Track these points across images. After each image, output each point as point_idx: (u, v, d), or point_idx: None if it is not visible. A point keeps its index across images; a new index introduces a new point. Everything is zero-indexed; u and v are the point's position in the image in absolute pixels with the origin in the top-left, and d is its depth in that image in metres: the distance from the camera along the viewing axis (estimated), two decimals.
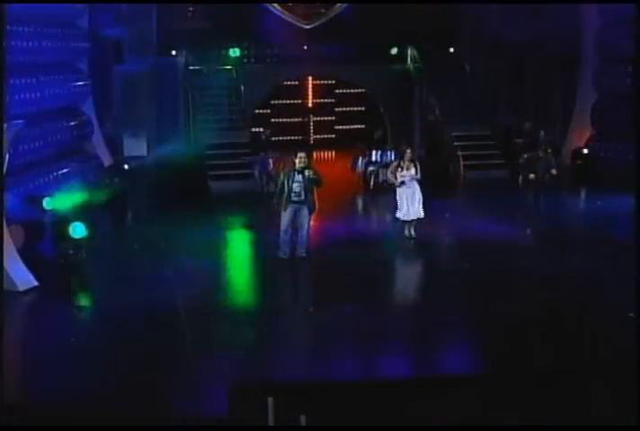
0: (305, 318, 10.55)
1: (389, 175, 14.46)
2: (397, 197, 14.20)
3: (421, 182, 14.15)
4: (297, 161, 12.76)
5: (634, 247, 10.74)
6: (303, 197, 12.67)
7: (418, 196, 14.10)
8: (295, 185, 12.63)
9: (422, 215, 14.13)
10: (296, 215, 12.78)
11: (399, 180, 14.08)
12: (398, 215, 14.23)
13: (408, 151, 14.55)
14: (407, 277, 13.02)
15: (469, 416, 6.97)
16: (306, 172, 12.67)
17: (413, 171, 14.10)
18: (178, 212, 16.64)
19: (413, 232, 14.20)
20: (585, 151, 20.48)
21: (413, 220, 14.14)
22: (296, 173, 12.71)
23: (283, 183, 12.72)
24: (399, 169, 14.16)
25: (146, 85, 20.96)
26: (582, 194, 18.69)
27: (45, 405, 7.85)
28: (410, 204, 14.06)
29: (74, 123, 17.30)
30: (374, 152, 19.85)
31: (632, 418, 6.64)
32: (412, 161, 14.24)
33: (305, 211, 12.79)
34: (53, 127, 16.02)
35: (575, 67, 21.15)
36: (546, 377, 7.94)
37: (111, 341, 9.68)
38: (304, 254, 12.99)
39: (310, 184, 12.72)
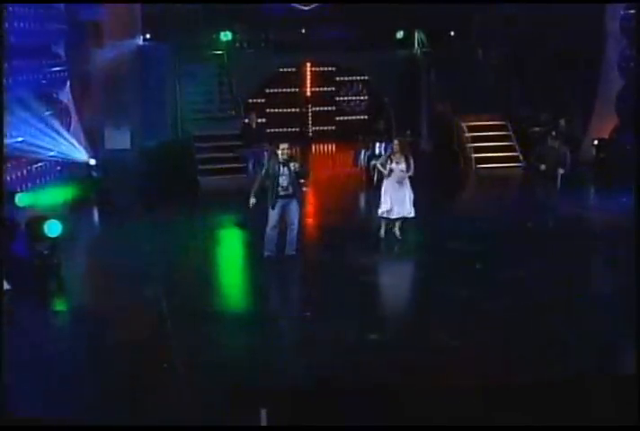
0: (299, 322, 10.60)
1: (379, 167, 14.29)
2: (382, 192, 14.02)
3: (411, 178, 13.97)
4: (279, 152, 12.81)
5: (634, 247, 10.89)
6: (291, 190, 12.78)
7: (408, 192, 13.93)
8: (281, 179, 12.69)
9: (412, 214, 14.00)
10: (284, 210, 12.85)
11: (387, 170, 13.91)
12: (380, 211, 14.05)
13: (395, 142, 14.32)
14: (400, 283, 12.97)
15: (469, 416, 7.11)
16: (291, 165, 12.74)
17: (403, 165, 13.88)
18: (164, 209, 16.68)
19: (397, 231, 14.10)
20: (609, 143, 20.43)
21: (398, 219, 14.04)
22: (281, 166, 12.73)
23: (267, 177, 12.79)
24: (389, 161, 14.04)
25: (130, 72, 20.90)
26: (606, 189, 18.58)
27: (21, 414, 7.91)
28: (395, 200, 13.91)
29: (49, 112, 17.22)
30: (377, 144, 19.77)
31: (632, 418, 6.88)
32: (402, 153, 13.97)
33: (294, 206, 12.90)
34: (26, 116, 15.96)
35: (598, 52, 21.10)
36: (547, 377, 8.28)
37: (92, 347, 9.72)
38: (293, 252, 13.06)
39: (296, 177, 12.85)
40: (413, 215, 14.01)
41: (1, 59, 11.74)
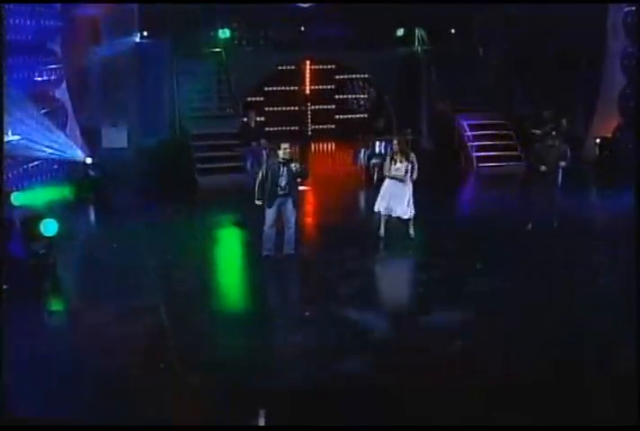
0: (297, 322, 10.64)
1: (386, 173, 14.25)
2: (381, 189, 14.11)
3: (415, 181, 14.03)
4: (280, 152, 12.86)
5: (634, 247, 11.03)
6: (288, 190, 12.87)
7: (408, 193, 13.97)
8: (280, 179, 12.76)
9: (407, 215, 14.03)
10: (281, 209, 12.93)
11: (392, 173, 13.95)
12: (376, 207, 14.12)
13: (395, 141, 14.38)
14: (401, 282, 13.06)
15: (469, 416, 7.18)
16: (292, 165, 12.82)
17: (405, 164, 13.92)
18: (162, 209, 16.72)
19: (411, 231, 14.19)
20: (612, 141, 20.46)
21: (408, 219, 14.09)
22: (280, 166, 12.80)
23: (266, 177, 12.81)
24: (392, 162, 14.10)
25: (127, 70, 20.92)
26: (609, 189, 18.61)
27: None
28: (394, 198, 13.96)
29: (45, 111, 17.24)
30: (377, 143, 19.84)
31: (632, 418, 6.99)
32: (403, 153, 14.03)
33: (290, 205, 12.97)
34: (22, 115, 15.97)
35: (600, 49, 21.13)
36: (547, 377, 8.35)
37: (88, 349, 9.74)
38: (292, 251, 13.13)
39: (296, 177, 12.94)
40: (408, 216, 14.06)
41: (1, 59, 11.71)
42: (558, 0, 20.24)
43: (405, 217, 14.09)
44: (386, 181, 14.14)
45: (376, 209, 14.22)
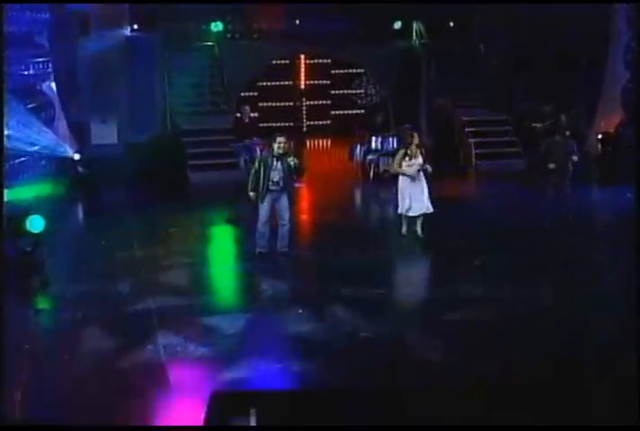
0: (292, 321, 10.63)
1: (397, 168, 14.29)
2: (399, 189, 14.15)
3: (428, 174, 14.09)
4: (275, 146, 12.81)
5: (634, 247, 11.15)
6: (281, 186, 12.84)
7: (425, 187, 14.06)
8: (274, 174, 12.73)
9: (430, 209, 14.10)
10: (274, 204, 12.91)
11: (406, 169, 13.99)
12: (400, 209, 14.20)
13: (415, 135, 14.49)
14: (399, 280, 13.15)
15: (469, 416, 7.18)
16: (288, 159, 12.82)
17: (420, 159, 14.05)
18: (152, 206, 16.74)
19: (419, 229, 14.19)
20: (615, 137, 20.50)
21: (419, 215, 14.12)
22: (274, 160, 12.76)
23: (259, 171, 12.77)
24: (406, 158, 14.12)
25: (117, 64, 20.91)
26: (612, 186, 18.67)
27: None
28: (414, 197, 14.01)
29: (32, 106, 17.25)
30: (374, 138, 19.86)
31: (632, 418, 6.99)
32: (419, 147, 14.17)
33: (284, 200, 12.95)
34: (7, 110, 15.95)
35: (603, 44, 21.17)
36: (547, 377, 8.50)
37: (76, 348, 9.75)
38: (285, 249, 13.13)
39: (291, 172, 12.91)
40: (431, 210, 14.10)
41: (1, 59, 11.67)
42: (558, 0, 20.28)
43: (428, 212, 14.09)
44: (401, 180, 14.12)
45: (400, 211, 14.21)
